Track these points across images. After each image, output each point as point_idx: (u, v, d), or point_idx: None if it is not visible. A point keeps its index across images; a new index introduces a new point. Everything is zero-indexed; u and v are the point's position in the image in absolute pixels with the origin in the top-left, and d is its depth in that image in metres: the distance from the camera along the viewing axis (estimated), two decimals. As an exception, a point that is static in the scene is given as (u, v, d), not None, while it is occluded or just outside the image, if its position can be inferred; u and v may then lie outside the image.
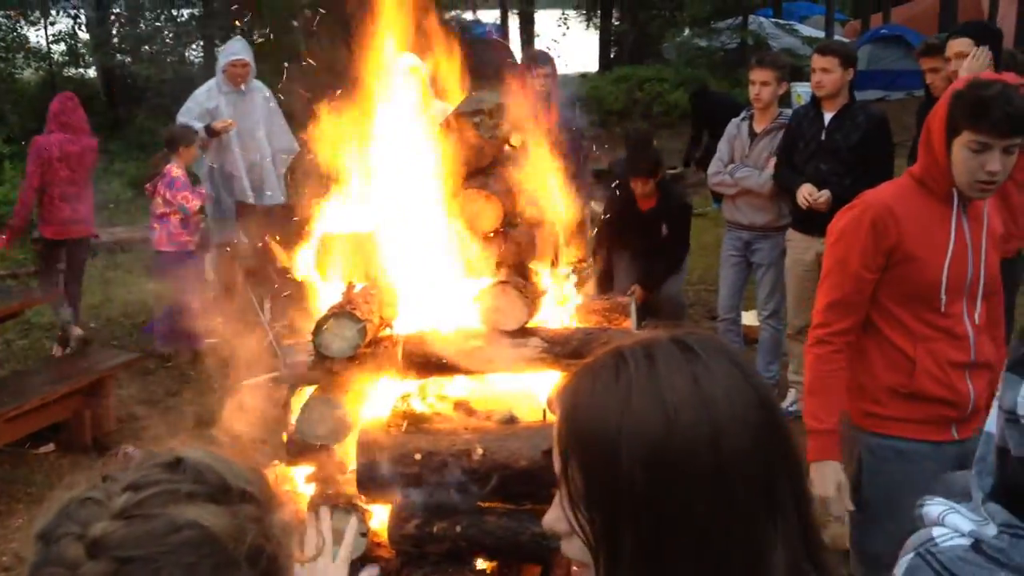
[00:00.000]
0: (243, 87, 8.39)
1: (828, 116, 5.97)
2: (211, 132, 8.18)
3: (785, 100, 17.81)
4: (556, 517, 1.22)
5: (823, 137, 5.96)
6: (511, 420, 4.11)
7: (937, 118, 3.05)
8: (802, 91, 17.43)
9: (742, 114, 6.73)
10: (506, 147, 4.69)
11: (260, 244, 7.37)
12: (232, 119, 8.27)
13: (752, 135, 6.55)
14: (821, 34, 23.03)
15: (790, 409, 6.43)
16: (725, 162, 6.65)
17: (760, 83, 6.40)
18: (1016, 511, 1.27)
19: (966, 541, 1.29)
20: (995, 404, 1.33)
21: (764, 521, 1.12)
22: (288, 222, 6.31)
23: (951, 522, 1.33)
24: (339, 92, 4.57)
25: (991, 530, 1.28)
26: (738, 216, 6.64)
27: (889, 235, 3.13)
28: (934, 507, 1.37)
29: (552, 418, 4.07)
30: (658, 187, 7.10)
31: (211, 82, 8.54)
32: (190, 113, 8.35)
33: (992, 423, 1.33)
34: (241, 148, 8.41)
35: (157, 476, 1.10)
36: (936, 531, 1.34)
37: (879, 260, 3.16)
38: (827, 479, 3.24)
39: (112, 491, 1.08)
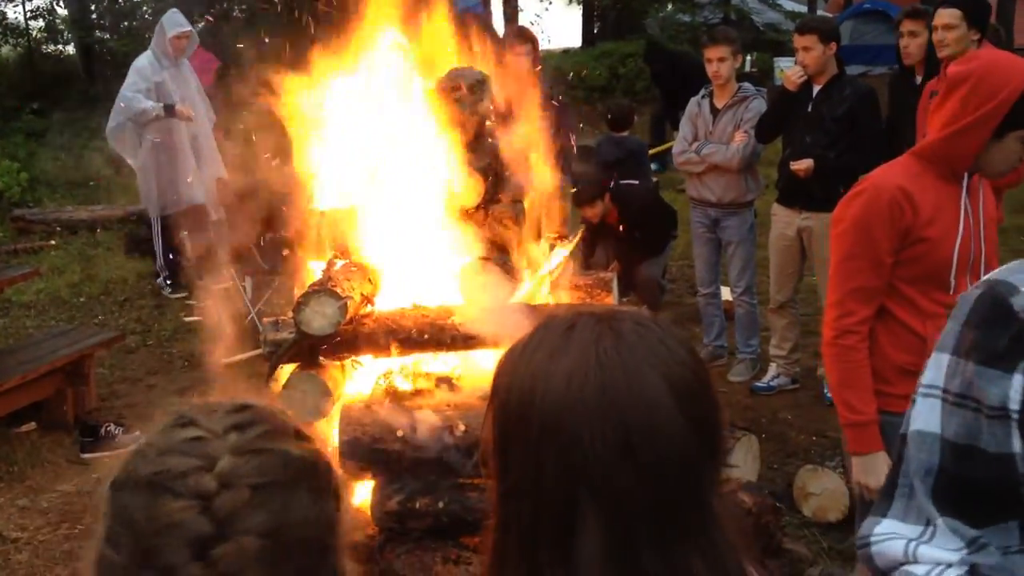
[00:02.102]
0: (181, 59, 8.54)
1: (815, 89, 5.97)
2: (172, 113, 8.28)
3: (769, 75, 17.87)
4: (482, 452, 1.32)
5: (809, 108, 5.96)
6: (493, 396, 4.11)
7: (988, 108, 2.93)
8: (785, 66, 17.41)
9: (701, 91, 6.71)
10: (487, 123, 4.67)
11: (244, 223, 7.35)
12: (177, 91, 8.40)
13: (714, 111, 6.54)
14: (804, 9, 23.02)
15: (771, 383, 6.46)
16: (689, 140, 6.64)
17: (717, 60, 6.39)
18: (979, 511, 1.21)
19: (959, 571, 1.22)
20: (929, 400, 1.28)
21: (577, 504, 1.15)
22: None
23: (928, 556, 1.24)
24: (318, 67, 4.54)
25: (953, 543, 1.21)
26: (705, 193, 6.62)
27: (905, 216, 3.07)
28: (893, 544, 1.28)
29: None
30: (612, 199, 7.16)
31: (149, 55, 8.54)
32: (135, 87, 8.36)
33: (931, 421, 1.26)
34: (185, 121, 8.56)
35: (249, 417, 1.19)
36: (918, 569, 1.25)
37: (896, 243, 3.11)
38: (879, 470, 3.17)
39: (215, 432, 1.16)
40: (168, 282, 8.86)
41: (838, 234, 3.20)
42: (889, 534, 1.29)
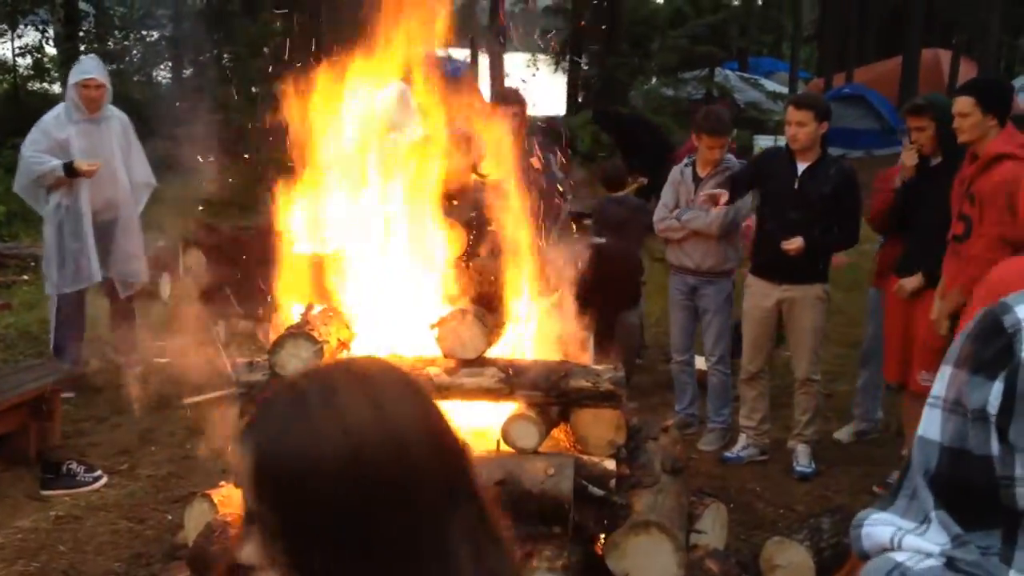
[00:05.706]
0: (98, 114, 7.20)
1: (801, 167, 6.03)
2: (72, 172, 6.97)
3: (748, 153, 18.11)
4: (252, 551, 1.23)
5: (796, 186, 6.02)
6: (465, 449, 4.08)
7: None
8: (763, 143, 17.70)
9: (685, 160, 6.80)
10: (472, 176, 4.71)
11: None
12: (86, 150, 7.09)
13: (696, 179, 6.61)
14: (785, 90, 23.47)
15: (740, 454, 6.44)
16: (671, 208, 6.70)
17: (718, 148, 6.51)
18: (968, 514, 1.30)
19: (938, 562, 1.31)
20: (934, 410, 1.37)
21: (449, 517, 1.22)
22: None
23: (912, 544, 1.34)
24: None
25: (941, 537, 1.30)
26: (684, 260, 6.66)
27: None
28: (882, 529, 1.38)
29: (506, 448, 4.06)
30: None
31: (59, 108, 7.25)
32: (37, 145, 7.09)
33: (932, 428, 1.36)
34: (94, 183, 7.15)
35: None
36: (899, 556, 1.35)
37: None
38: None
39: None
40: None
41: None
42: (882, 520, 1.40)
